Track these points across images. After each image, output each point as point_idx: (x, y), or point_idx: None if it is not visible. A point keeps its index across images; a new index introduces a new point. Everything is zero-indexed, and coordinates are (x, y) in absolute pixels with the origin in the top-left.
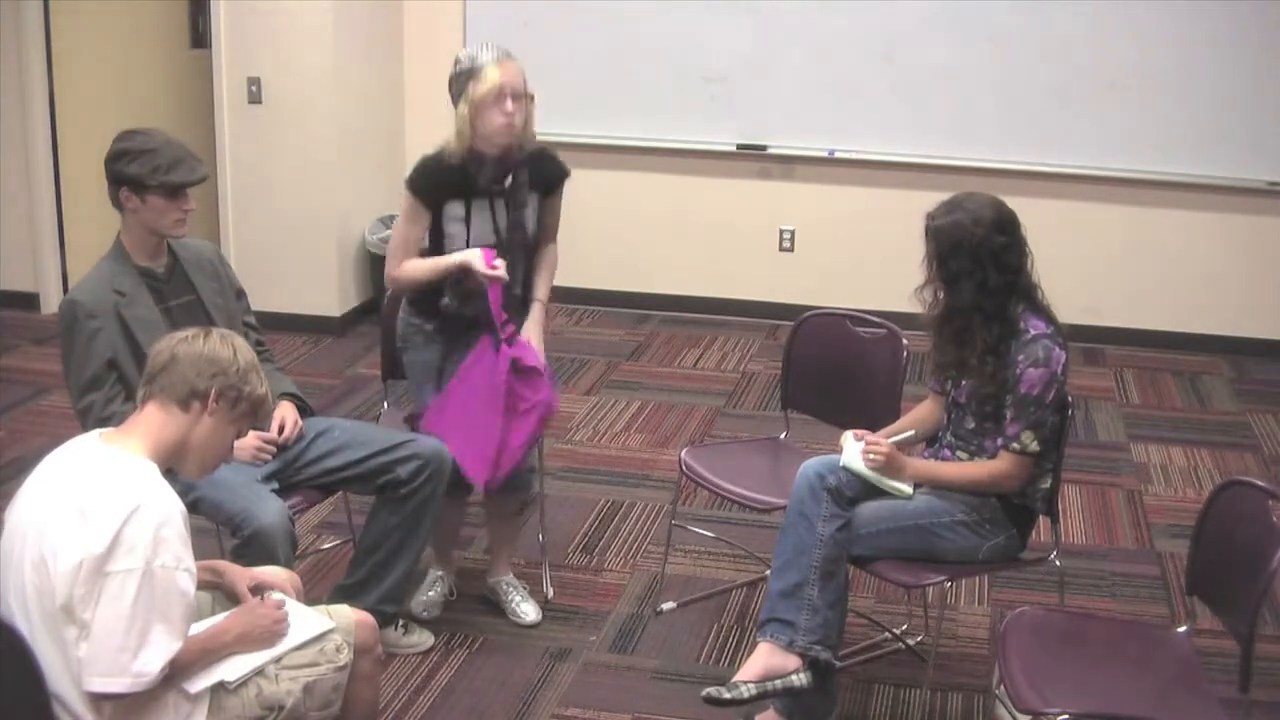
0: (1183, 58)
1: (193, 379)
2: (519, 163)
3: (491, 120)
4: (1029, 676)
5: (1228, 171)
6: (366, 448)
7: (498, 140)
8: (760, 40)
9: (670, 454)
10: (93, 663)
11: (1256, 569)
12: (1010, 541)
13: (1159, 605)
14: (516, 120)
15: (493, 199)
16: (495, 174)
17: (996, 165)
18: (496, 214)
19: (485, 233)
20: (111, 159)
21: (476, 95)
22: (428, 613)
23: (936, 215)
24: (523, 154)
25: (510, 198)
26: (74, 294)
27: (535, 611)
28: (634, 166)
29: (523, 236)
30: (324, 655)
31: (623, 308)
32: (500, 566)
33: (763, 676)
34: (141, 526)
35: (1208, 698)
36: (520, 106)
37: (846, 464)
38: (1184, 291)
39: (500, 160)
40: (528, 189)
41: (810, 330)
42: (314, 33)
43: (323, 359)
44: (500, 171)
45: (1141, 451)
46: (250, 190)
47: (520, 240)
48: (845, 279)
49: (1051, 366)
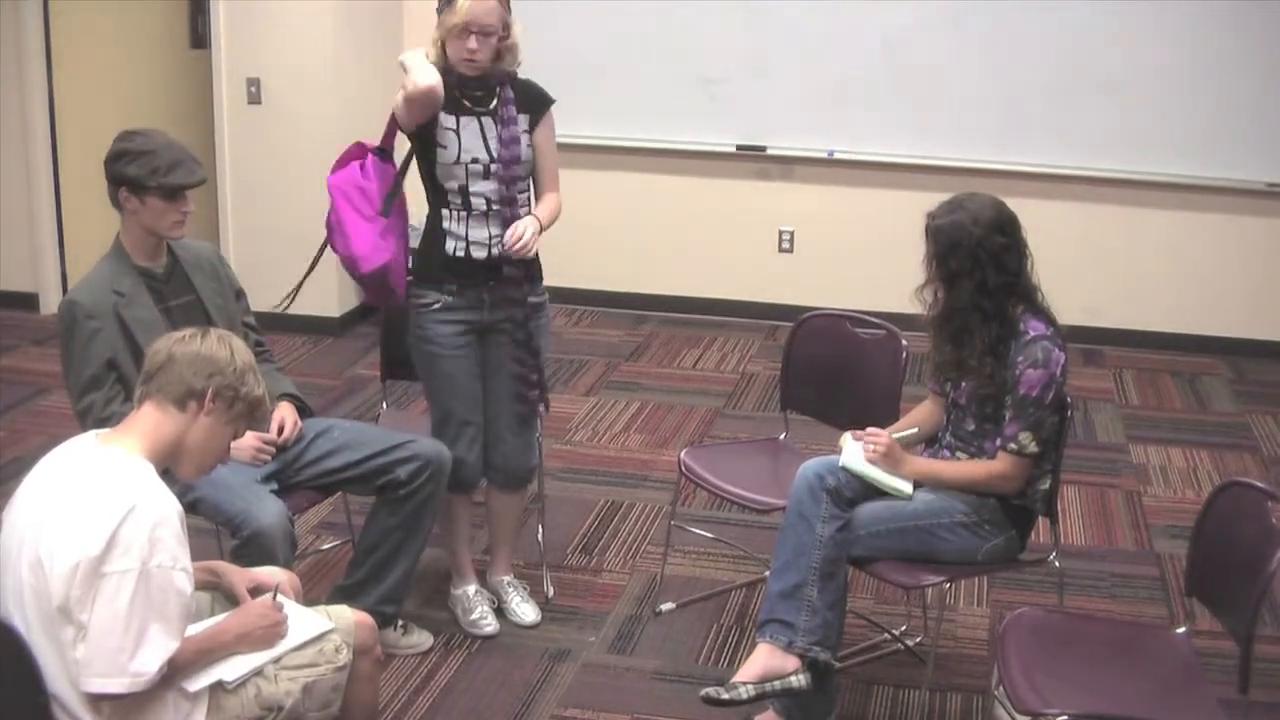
0: (1182, 58)
1: (189, 379)
2: (502, 81)
3: (457, 51)
4: (1028, 677)
5: (1228, 172)
6: (366, 448)
7: (461, 70)
8: (760, 41)
9: (670, 454)
10: (90, 663)
11: (1255, 570)
12: (1009, 542)
13: (1158, 606)
14: (479, 57)
15: (480, 117)
16: (478, 89)
17: (996, 165)
18: (485, 130)
19: (476, 145)
20: (111, 159)
21: (447, 24)
22: (491, 627)
23: (937, 215)
24: (504, 75)
25: (497, 115)
26: (73, 294)
27: (535, 612)
28: (634, 167)
29: (517, 154)
30: (323, 656)
31: (622, 308)
32: (500, 566)
33: (762, 677)
34: (137, 527)
35: (1207, 698)
36: (486, 44)
37: (846, 464)
38: (1184, 292)
39: (480, 79)
40: (515, 109)
41: (810, 331)
42: (314, 33)
43: (322, 359)
44: (482, 87)
45: (1141, 452)
46: (250, 190)
47: (515, 156)
48: (845, 279)
49: (1051, 368)
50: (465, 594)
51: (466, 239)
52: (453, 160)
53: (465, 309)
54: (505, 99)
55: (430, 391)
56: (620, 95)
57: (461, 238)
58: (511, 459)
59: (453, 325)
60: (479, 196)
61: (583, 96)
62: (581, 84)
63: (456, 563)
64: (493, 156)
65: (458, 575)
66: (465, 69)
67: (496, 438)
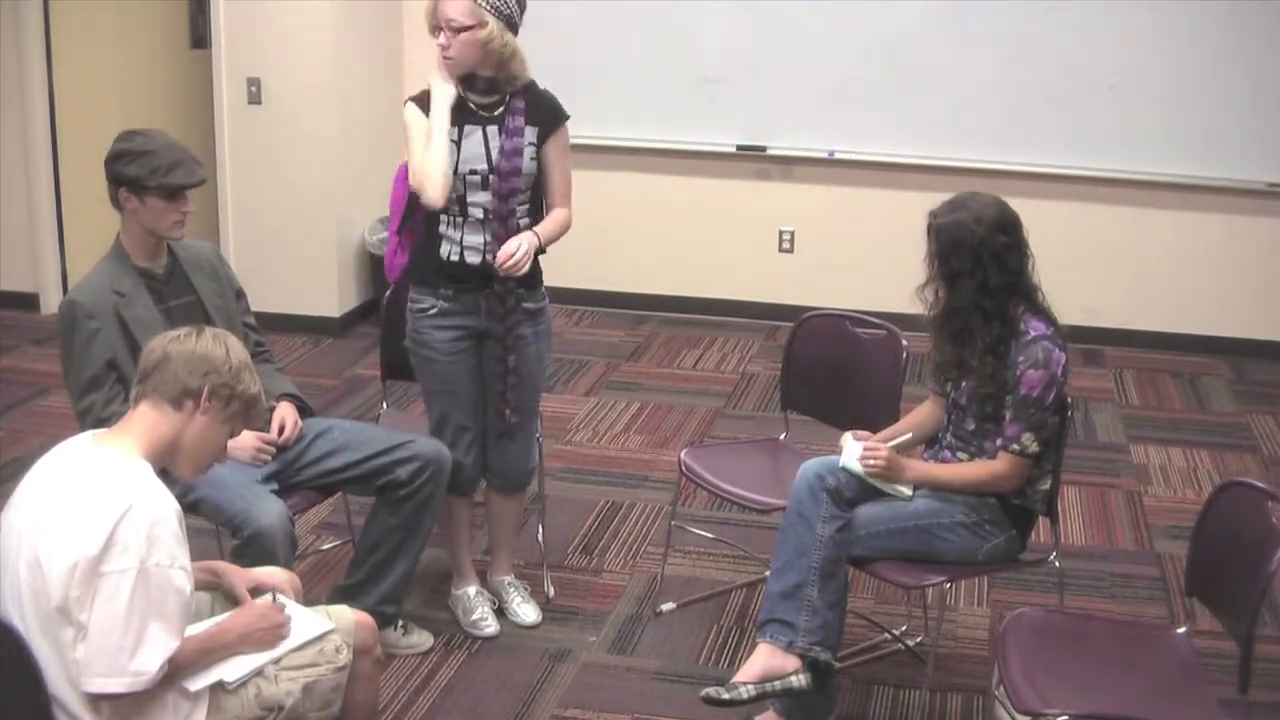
0: (1182, 58)
1: (185, 378)
2: (514, 90)
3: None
4: (1028, 677)
5: (1228, 172)
6: (366, 448)
7: (446, 70)
8: (760, 41)
9: (670, 455)
10: (90, 663)
11: (1256, 570)
12: (1010, 542)
13: (1158, 606)
14: (451, 54)
15: (485, 125)
16: (488, 97)
17: (996, 165)
18: (489, 139)
19: (476, 156)
20: (111, 159)
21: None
22: (491, 628)
23: (939, 213)
24: (514, 84)
25: (502, 124)
26: (73, 295)
27: (535, 612)
28: (634, 167)
29: (517, 165)
30: (323, 656)
31: (622, 308)
32: (501, 567)
33: (762, 677)
34: (135, 526)
35: (1207, 698)
36: (458, 41)
37: (846, 465)
38: (1184, 292)
39: (490, 81)
40: (523, 119)
41: (810, 331)
42: (314, 33)
43: (322, 359)
44: (492, 95)
45: (1141, 452)
46: (250, 191)
47: (515, 168)
48: (845, 279)
49: (1051, 368)
50: (466, 594)
51: (461, 244)
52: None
53: (461, 314)
54: (514, 109)
55: (427, 395)
56: (620, 95)
57: (456, 242)
58: (510, 462)
59: (449, 330)
60: (476, 206)
61: (583, 96)
62: (581, 84)
63: (457, 564)
64: (491, 167)
65: (458, 576)
66: (448, 69)
67: (494, 442)
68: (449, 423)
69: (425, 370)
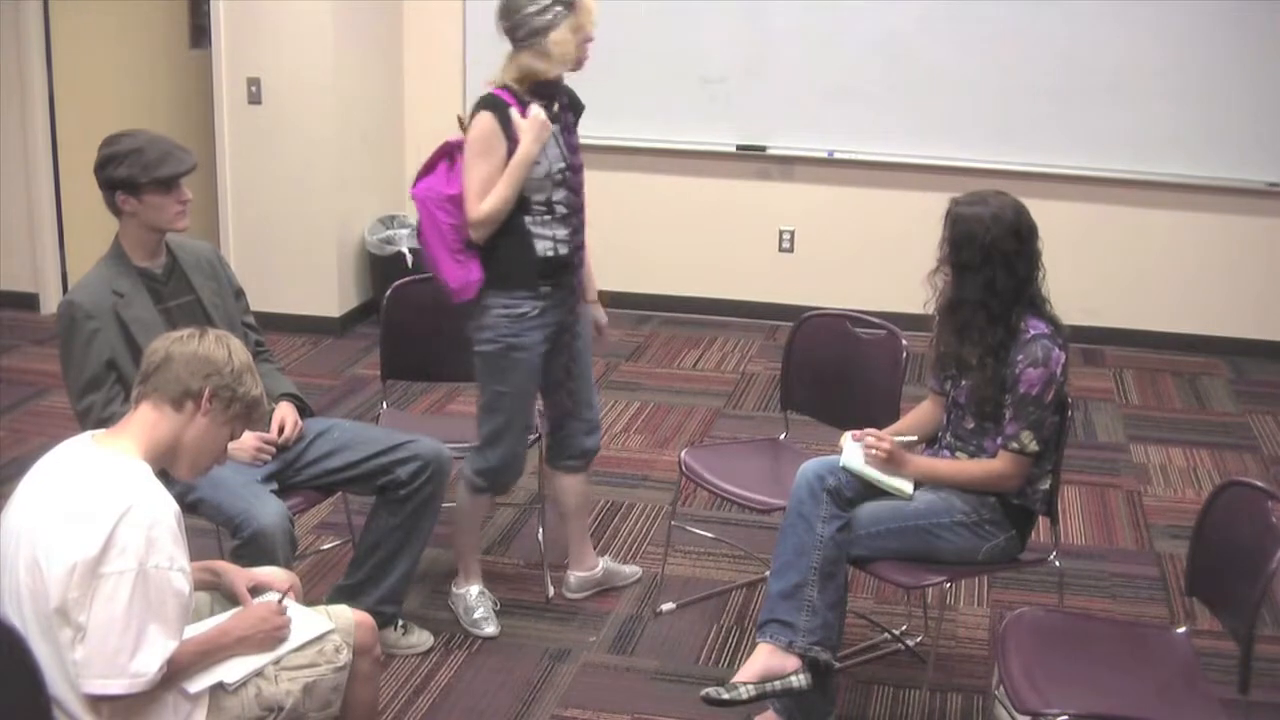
0: (1182, 58)
1: (186, 379)
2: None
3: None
4: (1028, 677)
5: (1228, 172)
6: (366, 448)
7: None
8: (759, 41)
9: (670, 454)
10: (90, 664)
11: (1256, 569)
12: (1010, 542)
13: (1158, 606)
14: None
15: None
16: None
17: (996, 165)
18: (559, 140)
19: (556, 155)
20: (100, 166)
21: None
22: (492, 628)
23: (961, 201)
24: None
25: (562, 123)
26: (72, 295)
27: (634, 569)
28: (634, 167)
29: (581, 160)
30: (323, 656)
31: (622, 308)
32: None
33: (762, 677)
34: (133, 527)
35: (1207, 698)
36: None
37: (846, 464)
38: (1184, 292)
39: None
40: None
41: (810, 331)
42: (314, 33)
43: (322, 359)
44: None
45: (1141, 452)
46: (250, 191)
47: (581, 162)
48: (845, 279)
49: (1051, 366)
50: (468, 593)
51: (554, 237)
52: (544, 174)
53: (555, 308)
54: (564, 106)
55: (498, 400)
56: (620, 95)
57: (549, 237)
58: (595, 433)
59: (547, 329)
60: (560, 204)
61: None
62: (581, 84)
63: (465, 563)
64: (566, 160)
65: (463, 575)
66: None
67: (571, 422)
68: (515, 427)
69: (512, 373)
